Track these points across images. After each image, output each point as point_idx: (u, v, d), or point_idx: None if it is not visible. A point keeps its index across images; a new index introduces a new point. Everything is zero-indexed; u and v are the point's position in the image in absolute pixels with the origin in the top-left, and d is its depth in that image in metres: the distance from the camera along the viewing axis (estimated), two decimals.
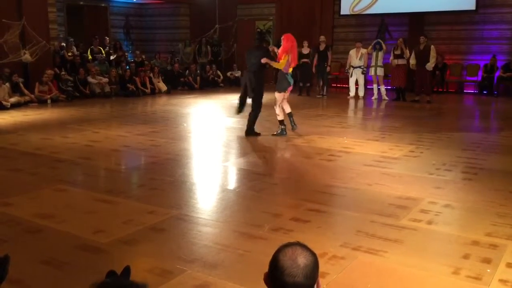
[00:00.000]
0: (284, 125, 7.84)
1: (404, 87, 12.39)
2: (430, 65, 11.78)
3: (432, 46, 11.75)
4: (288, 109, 7.94)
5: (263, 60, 7.47)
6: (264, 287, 1.55)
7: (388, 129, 8.44)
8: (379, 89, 12.65)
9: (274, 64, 7.59)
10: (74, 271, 3.16)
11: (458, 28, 13.70)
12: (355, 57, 12.73)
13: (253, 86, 7.55)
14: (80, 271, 3.12)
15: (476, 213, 4.24)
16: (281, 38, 7.75)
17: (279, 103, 7.79)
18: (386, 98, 12.51)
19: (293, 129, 7.98)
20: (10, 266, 1.47)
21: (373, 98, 12.62)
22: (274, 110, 7.91)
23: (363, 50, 12.66)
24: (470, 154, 6.42)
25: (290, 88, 7.92)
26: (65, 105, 11.39)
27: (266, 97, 8.17)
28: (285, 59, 7.54)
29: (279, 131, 7.81)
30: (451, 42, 13.78)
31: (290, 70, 7.73)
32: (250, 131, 7.79)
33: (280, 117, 7.83)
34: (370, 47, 12.52)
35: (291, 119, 7.97)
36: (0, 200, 4.54)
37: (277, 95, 7.82)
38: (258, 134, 7.79)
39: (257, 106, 7.73)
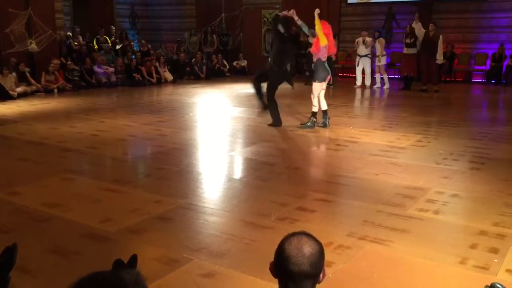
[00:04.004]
0: (316, 118, 7.46)
1: (414, 76, 12.31)
2: (440, 59, 11.61)
3: (441, 37, 11.55)
4: (324, 106, 7.45)
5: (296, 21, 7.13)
6: (270, 275, 1.55)
7: (395, 118, 8.40)
8: (382, 78, 12.62)
9: (319, 33, 7.01)
10: (81, 259, 3.18)
11: (467, 16, 13.53)
12: (362, 45, 12.68)
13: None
14: (88, 260, 3.14)
15: (484, 203, 4.21)
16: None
17: (318, 93, 7.37)
18: (388, 86, 12.46)
19: (324, 126, 7.45)
20: (18, 255, 1.48)
21: (375, 86, 12.61)
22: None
23: (369, 39, 12.61)
24: (478, 144, 6.38)
25: (329, 77, 7.52)
26: (71, 95, 11.42)
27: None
28: (324, 39, 7.04)
29: (308, 123, 7.44)
30: (460, 31, 13.61)
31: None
32: (276, 121, 7.59)
33: (315, 108, 7.42)
34: (371, 39, 12.51)
35: (326, 116, 7.48)
36: (7, 189, 4.57)
37: (315, 85, 7.35)
38: (271, 125, 7.62)
39: (271, 96, 7.51)
